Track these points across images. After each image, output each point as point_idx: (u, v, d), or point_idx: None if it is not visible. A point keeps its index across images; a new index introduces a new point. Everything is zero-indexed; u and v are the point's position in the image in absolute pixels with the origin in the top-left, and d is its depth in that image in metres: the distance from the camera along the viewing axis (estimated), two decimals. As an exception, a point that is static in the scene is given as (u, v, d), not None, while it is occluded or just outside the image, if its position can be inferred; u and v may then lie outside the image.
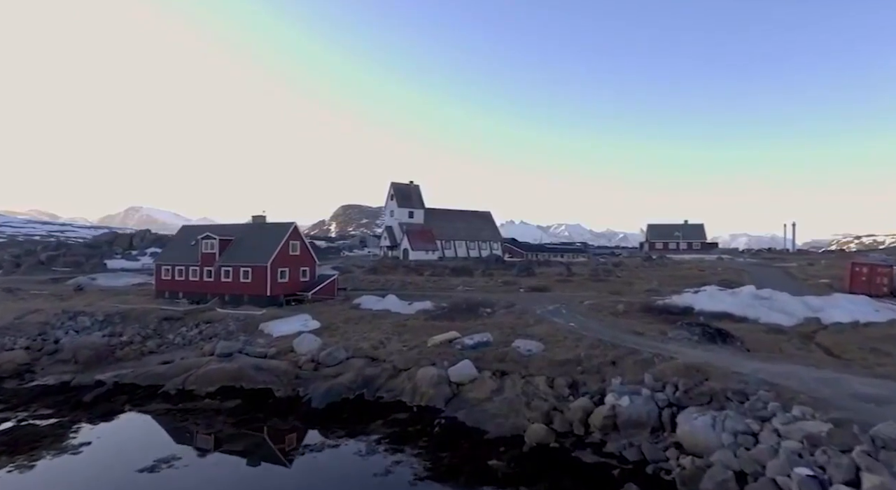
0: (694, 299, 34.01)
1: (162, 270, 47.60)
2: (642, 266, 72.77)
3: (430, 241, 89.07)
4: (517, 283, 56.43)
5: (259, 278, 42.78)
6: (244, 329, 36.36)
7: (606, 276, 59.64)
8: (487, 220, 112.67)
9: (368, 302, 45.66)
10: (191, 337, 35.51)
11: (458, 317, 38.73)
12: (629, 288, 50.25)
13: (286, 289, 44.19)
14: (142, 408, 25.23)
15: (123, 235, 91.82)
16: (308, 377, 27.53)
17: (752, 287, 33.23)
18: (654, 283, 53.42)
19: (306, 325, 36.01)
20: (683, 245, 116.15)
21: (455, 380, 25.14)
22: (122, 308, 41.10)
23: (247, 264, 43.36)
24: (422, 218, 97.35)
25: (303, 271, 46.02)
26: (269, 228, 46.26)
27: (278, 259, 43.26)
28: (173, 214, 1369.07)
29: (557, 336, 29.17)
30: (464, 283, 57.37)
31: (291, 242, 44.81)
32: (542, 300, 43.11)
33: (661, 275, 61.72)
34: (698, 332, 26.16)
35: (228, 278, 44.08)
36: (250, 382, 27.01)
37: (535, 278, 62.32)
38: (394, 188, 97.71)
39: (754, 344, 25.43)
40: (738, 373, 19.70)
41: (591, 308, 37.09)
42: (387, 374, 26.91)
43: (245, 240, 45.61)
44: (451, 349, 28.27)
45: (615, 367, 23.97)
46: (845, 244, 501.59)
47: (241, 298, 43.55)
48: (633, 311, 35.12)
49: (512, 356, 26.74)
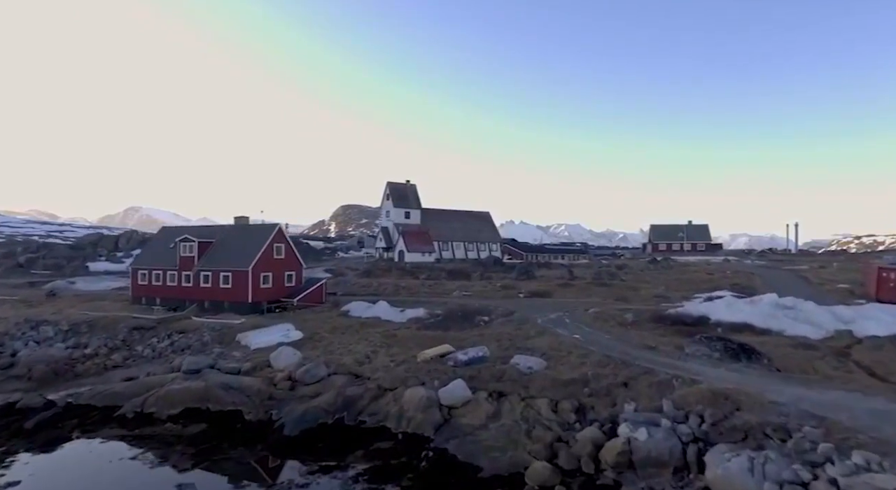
0: (709, 308, 31.18)
1: (138, 275, 44.69)
2: (647, 269, 69.90)
3: (426, 243, 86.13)
4: (517, 288, 53.58)
5: (240, 284, 39.89)
6: (220, 340, 33.50)
7: (610, 280, 56.79)
8: (486, 220, 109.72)
9: (358, 309, 42.82)
10: (161, 349, 32.64)
11: (452, 326, 35.92)
12: (635, 293, 47.38)
13: (270, 295, 41.30)
14: (92, 434, 22.37)
15: (109, 237, 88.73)
16: (283, 397, 24.67)
17: (773, 295, 30.41)
18: (661, 287, 50.56)
19: (287, 336, 33.17)
20: (687, 246, 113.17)
21: (446, 402, 22.29)
22: (92, 316, 38.23)
23: (227, 269, 40.46)
24: (419, 218, 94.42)
25: (288, 276, 43.11)
26: (252, 230, 43.36)
27: (261, 263, 40.37)
28: (173, 214, 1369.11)
29: (561, 350, 26.34)
30: (460, 287, 54.52)
31: (275, 245, 41.92)
32: (544, 307, 40.25)
33: (668, 278, 58.85)
34: (719, 348, 23.31)
35: (208, 284, 41.18)
36: (218, 404, 24.15)
37: (535, 282, 59.45)
38: (390, 188, 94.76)
39: (783, 361, 22.59)
40: (774, 402, 16.86)
41: (597, 317, 34.23)
42: (370, 394, 24.05)
43: (226, 242, 42.72)
44: (443, 366, 25.43)
45: (627, 390, 21.14)
46: (845, 244, 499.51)
47: (221, 305, 40.66)
48: (642, 320, 32.27)
49: (510, 374, 23.91)
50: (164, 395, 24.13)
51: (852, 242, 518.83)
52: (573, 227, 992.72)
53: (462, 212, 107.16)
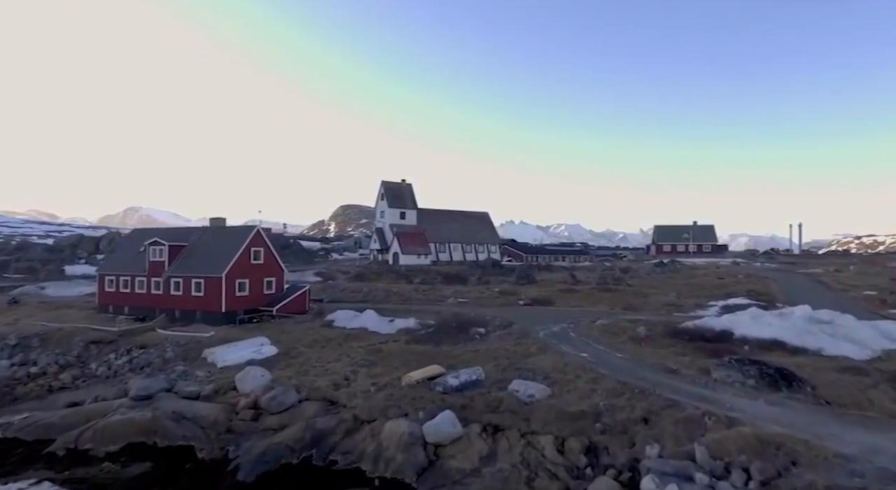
0: (732, 321, 27.74)
1: (105, 281, 41.22)
2: (654, 272, 66.50)
3: (422, 245, 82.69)
4: (516, 293, 50.16)
5: (212, 292, 36.41)
6: (184, 356, 30.02)
7: (616, 286, 53.37)
8: (484, 221, 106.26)
9: (343, 318, 39.34)
10: (118, 367, 29.18)
11: (444, 339, 32.46)
12: (644, 301, 43.94)
13: (246, 304, 37.81)
14: (14, 477, 18.92)
15: (89, 238, 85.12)
16: (243, 430, 21.20)
17: (806, 308, 27.01)
18: (671, 294, 47.13)
19: (260, 352, 29.68)
20: (693, 247, 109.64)
21: (432, 439, 18.82)
22: (49, 327, 34.74)
23: (199, 275, 36.98)
24: (414, 219, 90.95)
25: (267, 282, 39.63)
26: (229, 233, 39.90)
27: (236, 269, 36.89)
28: (173, 214, 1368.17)
29: (567, 373, 22.87)
30: (456, 293, 51.08)
31: (253, 249, 38.43)
32: (545, 317, 36.80)
33: (677, 283, 55.44)
34: (754, 374, 19.87)
35: (179, 291, 37.71)
36: (166, 438, 20.67)
37: (535, 287, 56.04)
38: (384, 187, 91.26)
39: (830, 390, 19.15)
40: (840, 455, 13.39)
41: (605, 330, 30.77)
42: (345, 427, 20.58)
43: (199, 246, 39.23)
44: (431, 392, 21.93)
45: (648, 427, 17.68)
46: (845, 244, 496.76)
47: (192, 315, 37.18)
48: (657, 335, 28.81)
49: (509, 404, 20.42)
50: (103, 429, 20.67)
51: (852, 242, 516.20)
52: (573, 227, 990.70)
53: (460, 212, 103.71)
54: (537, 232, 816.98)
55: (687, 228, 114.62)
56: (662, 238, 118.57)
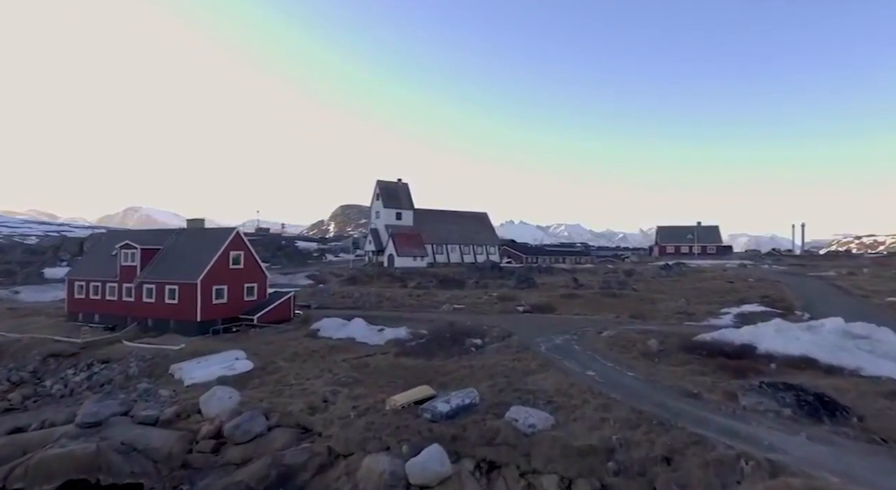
0: (754, 334, 25.00)
1: (75, 287, 38.48)
2: (659, 276, 63.69)
3: (418, 246, 79.88)
4: (515, 299, 47.43)
5: (187, 299, 33.66)
6: (149, 372, 27.29)
7: (621, 290, 50.61)
8: (483, 221, 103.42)
9: (329, 327, 36.63)
10: (75, 384, 26.46)
11: (437, 352, 29.75)
12: (652, 308, 41.20)
13: (224, 312, 35.06)
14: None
15: (72, 239, 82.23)
16: (201, 465, 18.49)
17: (838, 320, 24.28)
18: (680, 300, 44.38)
19: (232, 367, 26.94)
20: (697, 249, 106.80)
21: (417, 480, 16.11)
22: (7, 338, 32.03)
23: (172, 281, 34.24)
24: (411, 219, 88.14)
25: (248, 289, 36.87)
26: (205, 236, 37.12)
27: (213, 274, 34.14)
28: (173, 214, 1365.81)
29: (572, 396, 20.11)
30: (452, 298, 48.33)
31: (232, 253, 35.68)
32: (547, 326, 34.09)
33: (685, 288, 52.66)
34: (790, 401, 17.15)
35: (151, 299, 34.97)
36: (112, 475, 17.95)
37: (536, 291, 53.29)
38: (380, 187, 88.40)
39: (881, 422, 16.43)
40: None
41: (613, 342, 28.02)
42: (317, 462, 17.87)
43: (174, 250, 36.49)
44: (418, 420, 19.19)
45: (671, 469, 14.95)
46: (845, 244, 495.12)
47: (166, 324, 34.45)
48: (671, 349, 26.07)
49: (506, 435, 17.67)
50: (38, 464, 17.92)
51: (852, 242, 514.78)
52: (573, 227, 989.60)
53: (458, 212, 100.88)
54: (537, 232, 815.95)
55: (691, 229, 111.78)
56: (666, 239, 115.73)
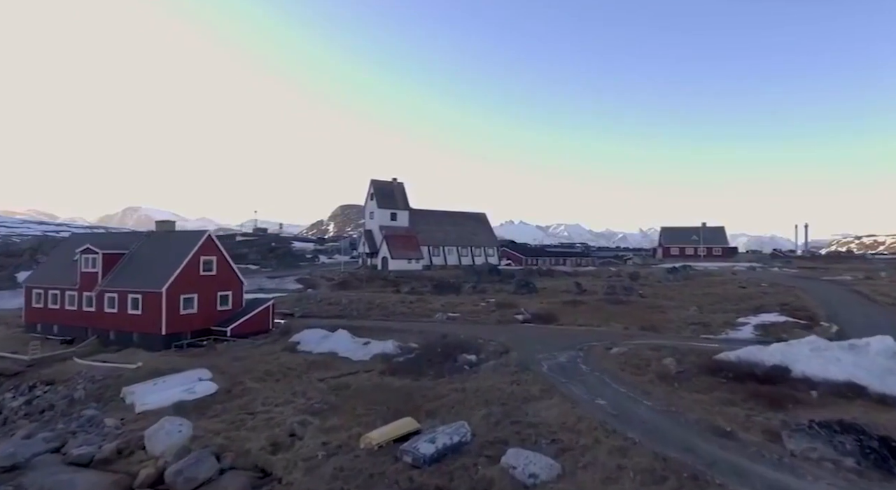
0: (786, 354, 21.86)
1: (33, 295, 35.28)
2: (666, 279, 60.54)
3: (413, 248, 76.70)
4: (514, 306, 44.27)
5: (151, 310, 30.46)
6: (98, 396, 24.09)
7: (627, 296, 47.46)
8: (482, 222, 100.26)
9: (310, 340, 33.47)
10: (11, 411, 23.29)
11: (426, 370, 26.61)
12: (663, 317, 38.03)
13: (194, 323, 31.88)
14: None
15: (51, 240, 79.29)
16: (133, 522, 15.32)
17: (887, 340, 21.10)
18: (692, 308, 41.21)
19: (193, 390, 23.75)
20: (702, 250, 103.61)
21: (390, 550, 12.95)
22: (-51, 355, 28.86)
23: (136, 289, 31.05)
24: (406, 220, 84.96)
25: (221, 298, 33.69)
26: (174, 239, 33.90)
27: (180, 282, 30.94)
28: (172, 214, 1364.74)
29: (581, 433, 16.87)
30: (447, 305, 45.19)
31: (203, 259, 32.50)
32: (548, 340, 30.95)
33: (695, 294, 49.51)
34: (852, 449, 13.99)
35: (113, 308, 31.79)
36: (19, 536, 14.78)
37: (536, 297, 50.18)
38: (374, 186, 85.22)
39: (965, 476, 13.23)
40: None
41: (625, 361, 24.85)
42: (272, 519, 14.70)
43: (140, 256, 33.30)
44: (396, 464, 15.97)
45: (711, 545, 11.81)
46: (845, 244, 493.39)
47: (129, 337, 31.28)
48: (691, 370, 22.90)
49: (503, 487, 14.50)
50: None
51: (852, 242, 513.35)
52: (573, 228, 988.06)
53: (455, 213, 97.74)
54: (537, 232, 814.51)
55: (696, 230, 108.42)
56: (670, 240, 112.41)
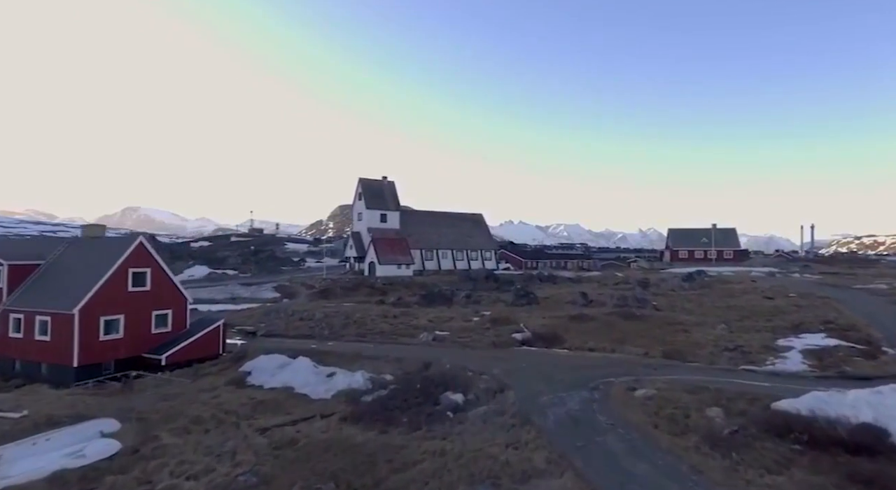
0: (878, 408, 16.21)
1: (-68, 315, 29.36)
2: (681, 288, 54.74)
3: (403, 252, 70.82)
4: (512, 321, 38.47)
5: (61, 335, 24.61)
6: (-43, 461, 18.19)
7: (640, 309, 41.66)
8: (478, 223, 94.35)
9: (264, 369, 27.66)
10: None
11: (399, 416, 20.93)
12: (688, 338, 32.24)
13: (120, 351, 26.04)
14: None
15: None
16: None
17: None
18: (718, 326, 35.41)
19: (82, 453, 17.85)
20: (713, 254, 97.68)
21: None
22: None
23: (44, 310, 25.19)
24: (397, 222, 79.08)
25: (158, 318, 27.85)
26: (99, 248, 28.00)
27: (101, 301, 25.10)
28: (171, 214, 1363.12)
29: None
30: (435, 321, 39.38)
31: (133, 271, 26.63)
32: (554, 372, 25.12)
33: (717, 306, 43.76)
34: None
35: (19, 333, 25.94)
36: None
37: (537, 310, 44.42)
38: (362, 185, 79.29)
39: None
40: None
41: (656, 411, 19.00)
42: None
43: (57, 267, 27.42)
44: None
45: None
46: (845, 244, 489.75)
47: (37, 369, 25.42)
48: (748, 427, 17.10)
49: None
50: None
51: (853, 242, 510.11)
52: (572, 227, 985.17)
53: (450, 214, 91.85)
54: (537, 232, 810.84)
55: (706, 232, 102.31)
56: (678, 242, 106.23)
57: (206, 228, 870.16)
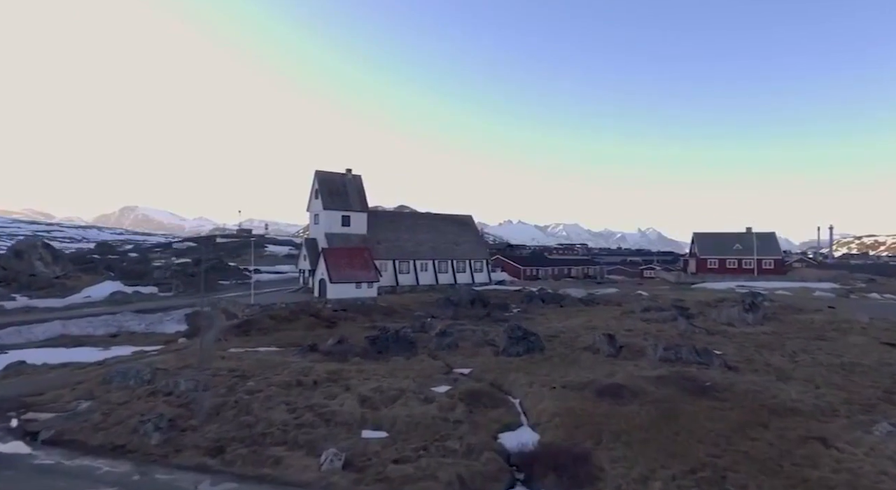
0: None
1: None
2: (743, 321, 39.24)
3: (363, 267, 55.17)
4: (500, 398, 22.99)
5: None
6: None
7: (704, 370, 26.14)
8: (467, 226, 78.60)
9: None
10: None
11: None
12: (813, 456, 16.57)
13: None
14: None
15: None
16: None
17: None
18: (877, 426, 19.80)
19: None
20: (751, 263, 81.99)
21: None
22: None
23: None
24: (363, 226, 63.41)
25: None
26: None
27: None
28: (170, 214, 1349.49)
29: None
30: (373, 400, 23.78)
31: None
32: None
33: (818, 361, 28.27)
34: None
35: None
36: None
37: (542, 364, 28.95)
38: (318, 180, 63.48)
39: None
40: None
41: None
42: None
43: None
44: None
45: None
46: (845, 244, 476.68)
47: None
48: None
49: None
50: None
51: (853, 242, 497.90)
52: (571, 227, 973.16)
53: (432, 215, 76.11)
54: (536, 232, 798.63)
55: (739, 237, 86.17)
56: (707, 250, 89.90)
57: (204, 228, 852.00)
